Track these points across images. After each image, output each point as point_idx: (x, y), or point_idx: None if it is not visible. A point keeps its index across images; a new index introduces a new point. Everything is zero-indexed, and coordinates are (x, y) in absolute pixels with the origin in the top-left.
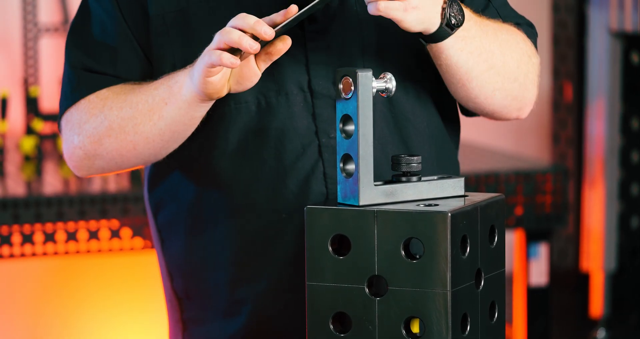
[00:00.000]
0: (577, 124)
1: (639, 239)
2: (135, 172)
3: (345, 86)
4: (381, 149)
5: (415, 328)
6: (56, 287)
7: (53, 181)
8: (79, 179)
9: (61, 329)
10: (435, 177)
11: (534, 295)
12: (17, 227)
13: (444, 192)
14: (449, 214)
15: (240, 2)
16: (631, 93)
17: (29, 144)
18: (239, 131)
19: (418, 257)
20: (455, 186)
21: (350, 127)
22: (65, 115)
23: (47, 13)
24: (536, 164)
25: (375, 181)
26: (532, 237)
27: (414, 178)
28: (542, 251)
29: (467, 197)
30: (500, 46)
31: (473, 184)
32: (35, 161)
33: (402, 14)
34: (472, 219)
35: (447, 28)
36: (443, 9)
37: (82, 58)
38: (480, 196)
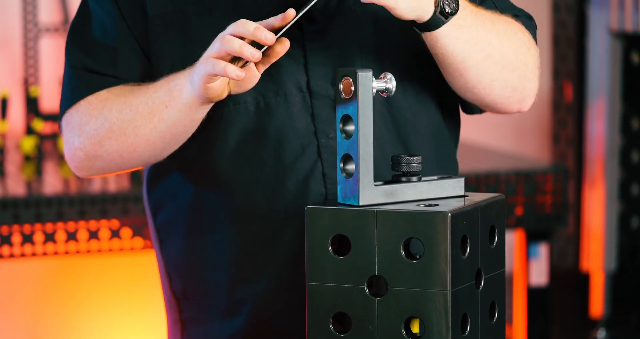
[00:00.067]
0: (578, 124)
1: (639, 239)
2: (136, 172)
3: (346, 86)
4: (379, 149)
5: (415, 328)
6: (56, 287)
7: (53, 181)
8: (79, 179)
9: (61, 329)
10: (435, 177)
11: (534, 295)
12: (17, 227)
13: (444, 192)
14: (449, 214)
15: (238, 1)
16: (631, 93)
17: (29, 144)
18: (237, 131)
19: (418, 257)
20: (455, 186)
21: (350, 128)
22: (66, 116)
23: (48, 13)
24: (536, 164)
25: (374, 180)
26: (532, 238)
27: (414, 178)
28: (542, 251)
29: (467, 197)
30: (498, 36)
31: (473, 184)
32: (36, 161)
33: (394, 1)
34: (472, 219)
35: (440, 16)
36: None
37: (82, 58)
38: (480, 196)
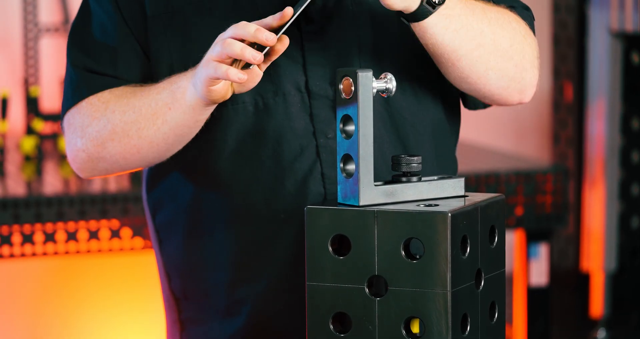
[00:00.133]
0: (578, 124)
1: (639, 239)
2: (136, 172)
3: (346, 86)
4: (378, 149)
5: (415, 328)
6: (56, 287)
7: (53, 181)
8: (79, 179)
9: (61, 329)
10: (435, 177)
11: (534, 295)
12: (17, 227)
13: (444, 192)
14: (449, 214)
15: (237, 1)
16: (631, 93)
17: (29, 144)
18: (236, 131)
19: (418, 257)
20: (456, 186)
21: (350, 128)
22: (67, 117)
23: (48, 13)
24: (536, 164)
25: (373, 180)
26: (532, 238)
27: (414, 178)
28: (542, 251)
29: (467, 197)
30: (489, 25)
31: (473, 184)
32: (36, 161)
33: None
34: (472, 219)
35: (428, 6)
36: None
37: (83, 59)
38: (480, 196)
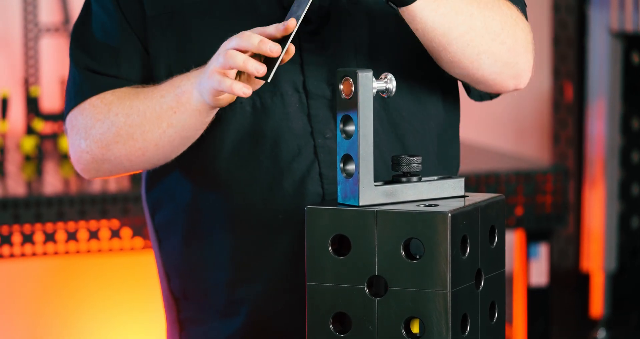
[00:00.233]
0: (578, 124)
1: (639, 239)
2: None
3: (346, 86)
4: (376, 148)
5: (415, 328)
6: (56, 287)
7: (53, 181)
8: (79, 179)
9: (61, 329)
10: (435, 177)
11: (534, 295)
12: (17, 227)
13: (444, 192)
14: (449, 215)
15: (235, 2)
16: (631, 93)
17: (29, 144)
18: (234, 132)
19: (418, 257)
20: (456, 186)
21: (350, 128)
22: (70, 118)
23: (48, 13)
24: (536, 164)
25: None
26: (532, 238)
27: (414, 178)
28: (542, 251)
29: (467, 197)
30: (479, 8)
31: (473, 184)
32: (36, 161)
33: None
34: (472, 219)
35: None
36: None
37: (85, 59)
38: (480, 196)
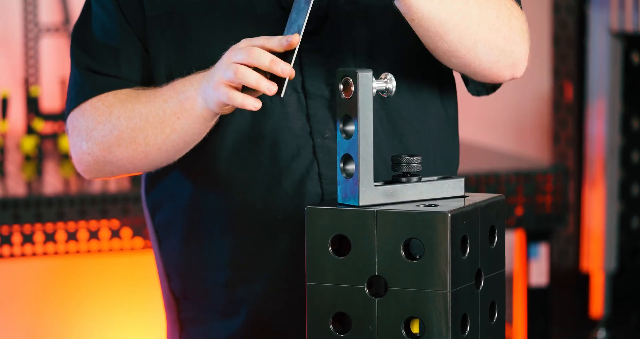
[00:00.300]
0: (578, 124)
1: (639, 239)
2: None
3: (346, 86)
4: (375, 148)
5: (415, 328)
6: (56, 287)
7: (53, 181)
8: (79, 179)
9: (61, 329)
10: (435, 177)
11: (534, 295)
12: (17, 227)
13: (444, 192)
14: (449, 215)
15: (234, 2)
16: (631, 93)
17: (29, 144)
18: (234, 132)
19: (418, 257)
20: (455, 186)
21: (350, 128)
22: (71, 119)
23: (48, 13)
24: (536, 164)
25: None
26: (532, 238)
27: (414, 178)
28: (542, 251)
29: (467, 197)
30: None
31: (473, 184)
32: (36, 161)
33: None
34: (472, 219)
35: None
36: None
37: (85, 59)
38: (480, 196)
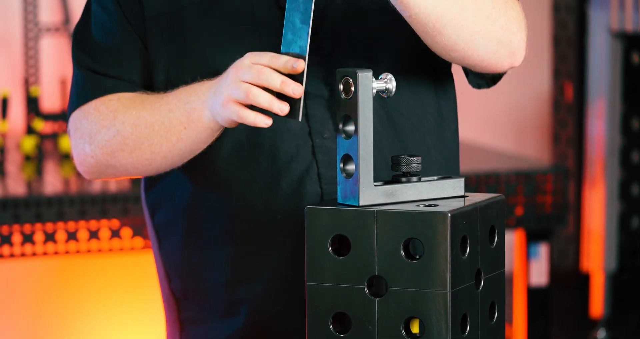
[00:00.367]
0: (578, 124)
1: (639, 239)
2: None
3: (346, 86)
4: (375, 147)
5: (415, 328)
6: (56, 287)
7: (53, 181)
8: (79, 179)
9: (61, 329)
10: (435, 177)
11: (534, 295)
12: (17, 227)
13: (444, 192)
14: (449, 215)
15: (232, 3)
16: (631, 93)
17: (29, 143)
18: (233, 132)
19: (418, 257)
20: (455, 187)
21: (350, 128)
22: (74, 120)
23: (48, 13)
24: (536, 164)
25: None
26: (532, 238)
27: (414, 178)
28: (542, 251)
29: (467, 197)
30: None
31: (473, 184)
32: (36, 161)
33: None
34: (472, 219)
35: None
36: None
37: (86, 59)
38: (480, 197)
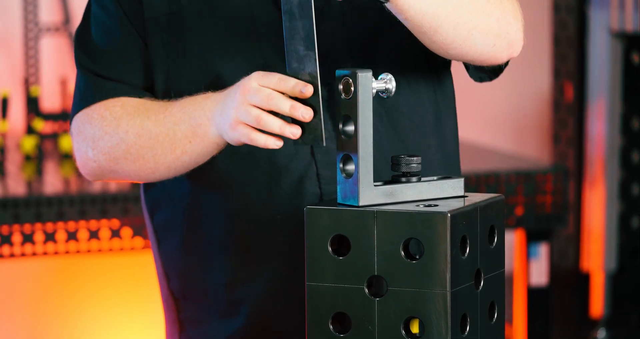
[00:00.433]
0: (578, 124)
1: (639, 239)
2: None
3: (346, 86)
4: (376, 146)
5: (415, 328)
6: (56, 287)
7: (53, 181)
8: (79, 179)
9: (61, 329)
10: (435, 177)
11: (534, 295)
12: (17, 227)
13: (443, 192)
14: (449, 215)
15: (230, 4)
16: (632, 93)
17: (29, 143)
18: None
19: (418, 257)
20: (455, 187)
21: (350, 128)
22: (77, 123)
23: (48, 13)
24: (536, 164)
25: (373, 179)
26: (532, 238)
27: (414, 179)
28: (542, 251)
29: (467, 197)
30: None
31: (473, 184)
32: (36, 161)
33: None
34: (471, 219)
35: None
36: None
37: (88, 62)
38: (480, 197)
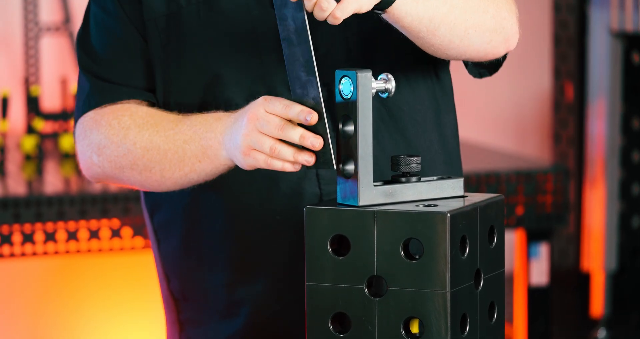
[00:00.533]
0: (578, 123)
1: (639, 239)
2: None
3: (345, 86)
4: (377, 145)
5: (415, 328)
6: (56, 287)
7: (54, 181)
8: (79, 179)
9: (61, 329)
10: (435, 177)
11: (535, 295)
12: (17, 227)
13: (443, 192)
14: (449, 215)
15: (228, 4)
16: (632, 93)
17: (29, 143)
18: None
19: (417, 257)
20: (455, 187)
21: (349, 128)
22: (82, 127)
23: (48, 12)
24: (537, 164)
25: (374, 178)
26: (532, 237)
27: (414, 179)
28: (542, 251)
29: (467, 197)
30: None
31: (473, 184)
32: (36, 161)
33: (357, 4)
34: (471, 219)
35: None
36: None
37: (90, 64)
38: (479, 197)
